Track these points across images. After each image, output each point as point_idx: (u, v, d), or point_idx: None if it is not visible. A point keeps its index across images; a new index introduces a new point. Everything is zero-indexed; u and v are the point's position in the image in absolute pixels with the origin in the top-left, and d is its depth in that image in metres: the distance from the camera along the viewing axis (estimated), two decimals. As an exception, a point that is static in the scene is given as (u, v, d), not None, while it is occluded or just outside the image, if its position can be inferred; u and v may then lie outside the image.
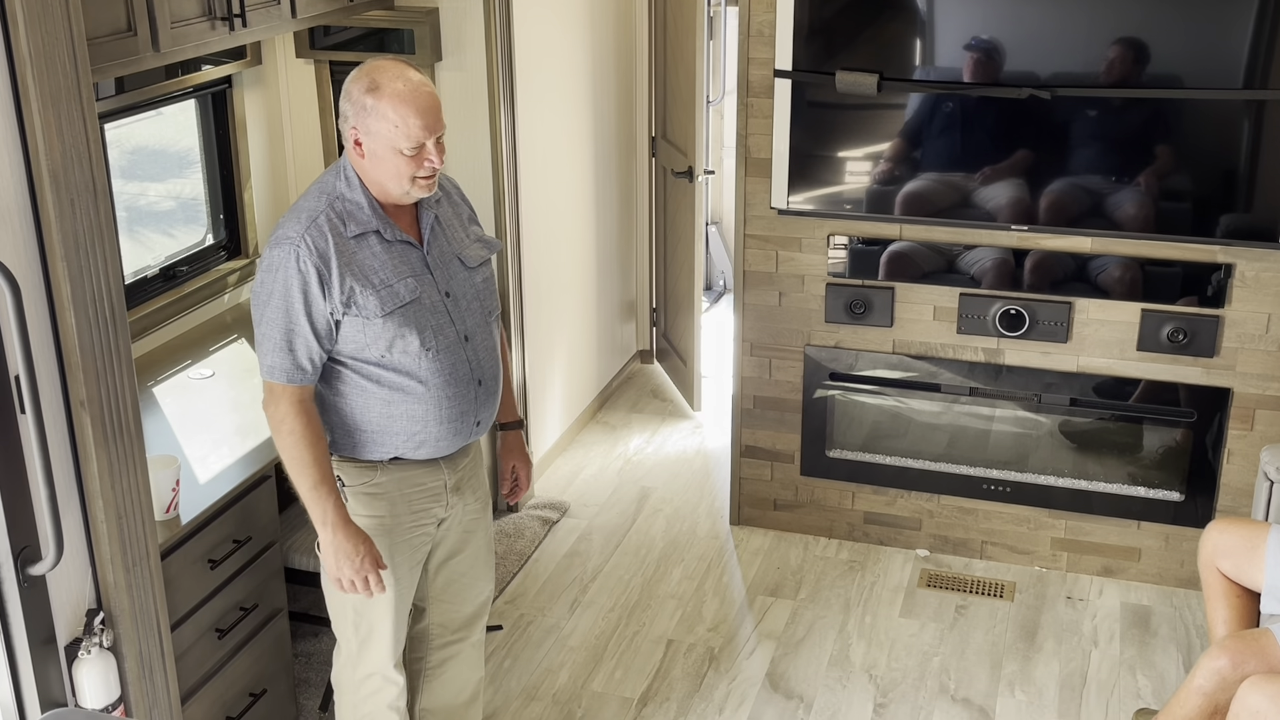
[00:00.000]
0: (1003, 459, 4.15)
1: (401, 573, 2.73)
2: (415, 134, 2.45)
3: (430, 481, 2.72)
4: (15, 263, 2.08)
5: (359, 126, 2.47)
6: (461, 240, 2.70)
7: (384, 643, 2.76)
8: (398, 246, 2.57)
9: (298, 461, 2.53)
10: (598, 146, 5.06)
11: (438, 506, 2.76)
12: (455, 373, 2.61)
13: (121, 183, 3.72)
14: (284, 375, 2.52)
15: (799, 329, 4.16)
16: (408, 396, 2.59)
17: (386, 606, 2.72)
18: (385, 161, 2.48)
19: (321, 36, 4.23)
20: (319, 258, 2.47)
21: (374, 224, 2.54)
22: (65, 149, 2.13)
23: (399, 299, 2.53)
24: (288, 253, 2.47)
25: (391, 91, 2.43)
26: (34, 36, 2.05)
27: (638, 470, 4.89)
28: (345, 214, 2.52)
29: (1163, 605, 3.98)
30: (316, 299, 2.48)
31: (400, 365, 2.56)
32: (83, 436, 2.27)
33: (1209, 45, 3.50)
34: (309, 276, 2.46)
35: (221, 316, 4.04)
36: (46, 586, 2.22)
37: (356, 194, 2.54)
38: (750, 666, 3.71)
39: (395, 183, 2.51)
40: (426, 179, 2.51)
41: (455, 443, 2.69)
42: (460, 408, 2.64)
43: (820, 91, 3.81)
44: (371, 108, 2.44)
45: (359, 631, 2.76)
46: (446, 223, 2.68)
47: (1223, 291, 3.72)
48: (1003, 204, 3.78)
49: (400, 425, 2.61)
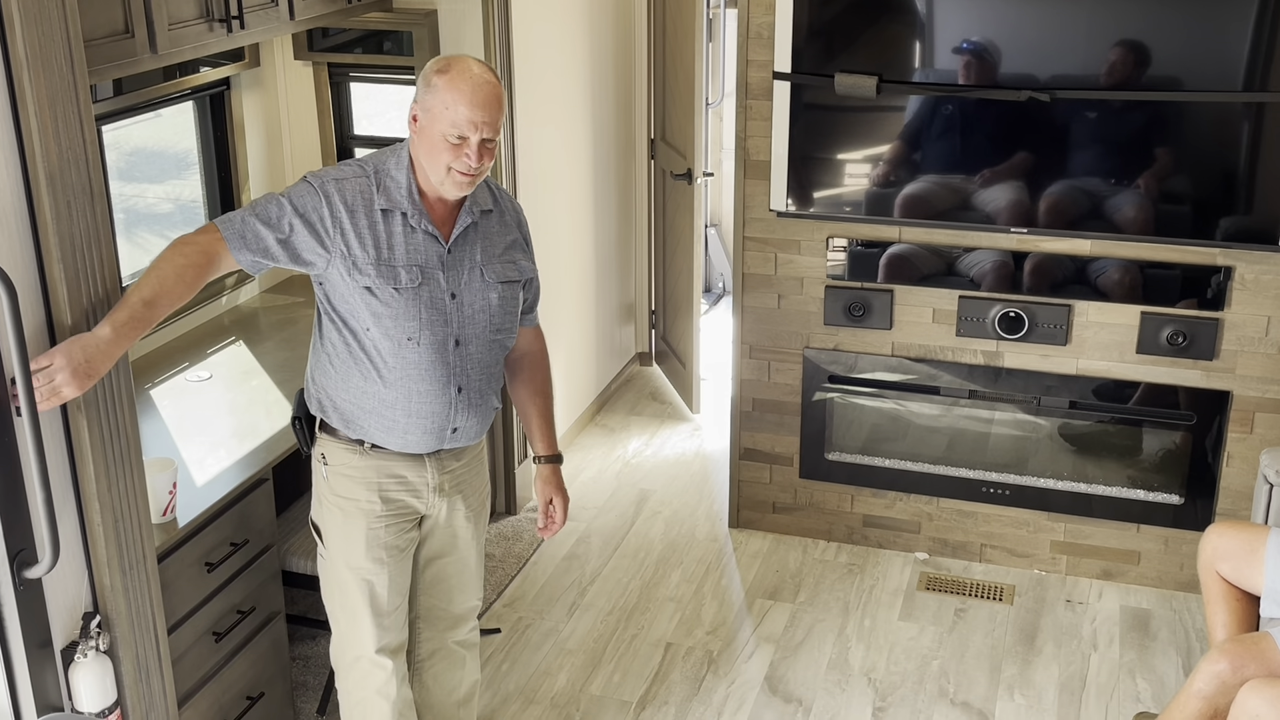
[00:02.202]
0: (1002, 462, 4.15)
1: (379, 557, 2.73)
2: (460, 122, 2.48)
3: (412, 476, 2.73)
4: (11, 264, 2.08)
5: (419, 101, 2.53)
6: (492, 256, 2.70)
7: (365, 626, 2.76)
8: (420, 235, 2.59)
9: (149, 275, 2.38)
10: (597, 148, 5.06)
11: (417, 502, 2.76)
12: (433, 370, 2.62)
13: (120, 185, 3.71)
14: (225, 224, 2.48)
15: (798, 331, 4.16)
16: (382, 380, 2.61)
17: (362, 591, 2.74)
18: (429, 142, 2.52)
19: (320, 38, 4.22)
20: (339, 201, 2.52)
21: (404, 205, 2.57)
22: (62, 151, 2.13)
23: (395, 280, 2.56)
24: (306, 185, 2.55)
25: (456, 75, 2.49)
26: (31, 38, 2.04)
27: (636, 473, 4.88)
28: (382, 186, 2.57)
29: (1162, 609, 3.97)
30: (310, 215, 2.51)
31: (380, 346, 2.59)
32: (79, 439, 2.26)
33: (1208, 48, 3.49)
34: (320, 203, 2.51)
35: (219, 319, 4.03)
36: (43, 590, 2.21)
37: (402, 173, 2.58)
38: (749, 670, 3.71)
39: (433, 167, 2.54)
40: (462, 175, 2.53)
41: (426, 443, 2.70)
42: (433, 407, 2.65)
43: (819, 94, 3.81)
44: (434, 84, 2.50)
45: (345, 615, 2.79)
46: (485, 234, 2.69)
47: (1222, 294, 3.72)
48: (1002, 206, 3.78)
49: (372, 405, 2.64)
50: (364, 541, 2.71)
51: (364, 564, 2.72)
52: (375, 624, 2.77)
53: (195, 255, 2.44)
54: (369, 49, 4.26)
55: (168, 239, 3.90)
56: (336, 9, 3.57)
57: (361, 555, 2.71)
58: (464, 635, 3.00)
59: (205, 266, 2.46)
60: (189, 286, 2.43)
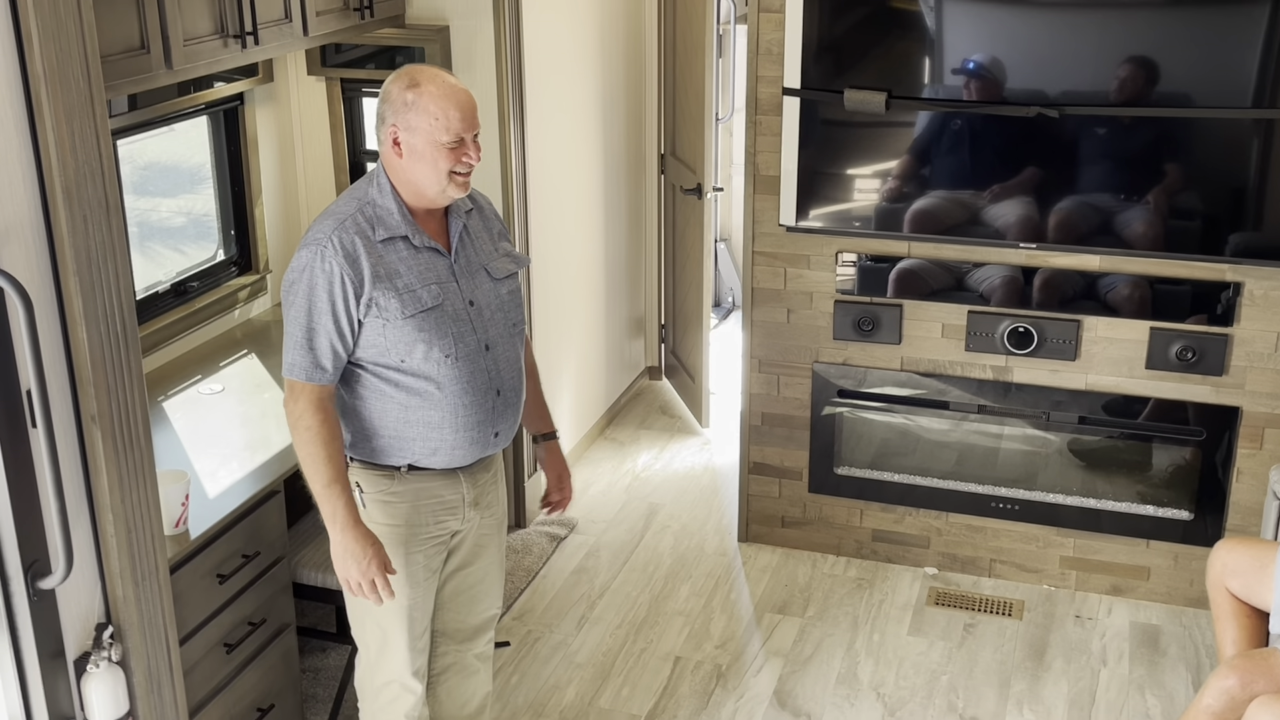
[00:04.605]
0: (1011, 477, 4.15)
1: (417, 580, 2.74)
2: (455, 126, 2.51)
3: (448, 494, 2.73)
4: (27, 277, 2.10)
5: (399, 124, 2.53)
6: (489, 252, 2.74)
7: (400, 650, 2.77)
8: (425, 253, 2.61)
9: (312, 459, 2.56)
10: (607, 163, 5.08)
11: (453, 519, 2.77)
12: (474, 381, 2.63)
13: (133, 198, 3.74)
14: (303, 373, 2.55)
15: (807, 346, 4.16)
16: (425, 402, 2.61)
17: (401, 614, 2.73)
18: (424, 158, 2.53)
19: (332, 54, 4.25)
20: (345, 259, 2.51)
21: (403, 229, 2.58)
22: (78, 165, 2.15)
23: (421, 304, 2.57)
24: (314, 253, 2.52)
25: (433, 86, 2.51)
26: (48, 54, 2.06)
27: (646, 486, 4.89)
28: (375, 219, 2.57)
29: (1172, 624, 3.96)
30: (339, 299, 2.52)
31: (419, 370, 2.59)
32: (93, 451, 2.27)
33: (1218, 64, 3.50)
34: (334, 277, 2.51)
35: (232, 332, 4.05)
36: (56, 600, 2.23)
37: (388, 200, 2.59)
38: (758, 684, 3.71)
39: (434, 179, 2.55)
40: (463, 177, 2.57)
41: (472, 453, 2.70)
42: (477, 417, 2.66)
43: (829, 109, 3.83)
44: (413, 103, 2.51)
45: (376, 639, 2.78)
46: (475, 234, 2.72)
47: (1231, 310, 3.72)
48: (1011, 222, 3.78)
49: (416, 431, 2.64)
50: (403, 566, 2.71)
51: (402, 588, 2.71)
52: (410, 647, 2.77)
53: (312, 416, 2.56)
54: (381, 64, 4.29)
55: (181, 252, 3.96)
56: (350, 25, 3.60)
57: (401, 580, 2.70)
58: (481, 648, 3.00)
59: (324, 412, 2.57)
60: (335, 435, 2.58)
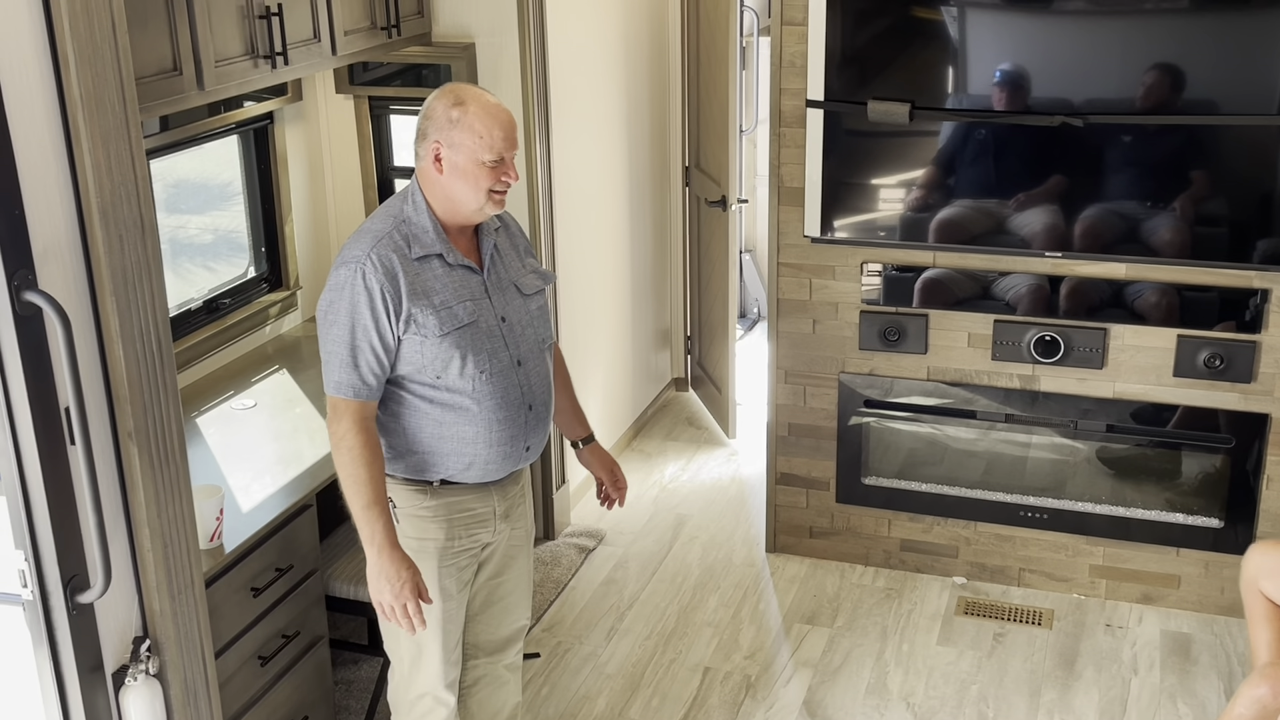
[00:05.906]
0: (1040, 486, 4.14)
1: (450, 593, 2.77)
2: (498, 145, 2.56)
3: (480, 508, 2.76)
4: (66, 297, 2.13)
5: (442, 140, 2.56)
6: (518, 269, 2.77)
7: (434, 663, 2.79)
8: (459, 271, 2.64)
9: (353, 479, 2.58)
10: (632, 176, 5.10)
11: (485, 532, 2.80)
12: (507, 396, 2.66)
13: (164, 215, 3.79)
14: (350, 390, 2.58)
15: (833, 356, 4.17)
16: (460, 417, 2.64)
17: (435, 627, 2.76)
18: (466, 175, 2.57)
19: (360, 72, 4.30)
20: (384, 275, 2.55)
21: (437, 247, 2.62)
22: (114, 186, 2.18)
23: (457, 320, 2.60)
24: (354, 271, 2.55)
25: (477, 105, 2.56)
26: (84, 78, 2.10)
27: (673, 498, 4.90)
28: (410, 236, 2.61)
29: (1203, 633, 3.95)
30: (381, 316, 2.55)
31: (454, 386, 2.62)
32: (130, 467, 2.31)
33: (1243, 71, 3.49)
34: (374, 294, 2.54)
35: (263, 348, 4.09)
36: (94, 614, 2.26)
37: (423, 218, 2.62)
38: (787, 694, 3.71)
39: (473, 196, 2.59)
40: (501, 195, 2.61)
41: (505, 467, 2.74)
42: (510, 431, 2.69)
43: (852, 120, 3.84)
44: (458, 120, 2.55)
45: (410, 652, 2.80)
46: (504, 251, 2.76)
47: (1259, 316, 3.70)
48: (1037, 230, 3.78)
49: (451, 447, 2.66)
50: (436, 579, 2.74)
51: (436, 601, 2.74)
52: (444, 659, 2.80)
53: (355, 435, 2.58)
54: (407, 82, 4.33)
55: (211, 270, 4.00)
56: (377, 44, 3.64)
57: (434, 593, 2.73)
58: (511, 659, 3.03)
59: (367, 432, 2.59)
60: (376, 456, 2.60)
